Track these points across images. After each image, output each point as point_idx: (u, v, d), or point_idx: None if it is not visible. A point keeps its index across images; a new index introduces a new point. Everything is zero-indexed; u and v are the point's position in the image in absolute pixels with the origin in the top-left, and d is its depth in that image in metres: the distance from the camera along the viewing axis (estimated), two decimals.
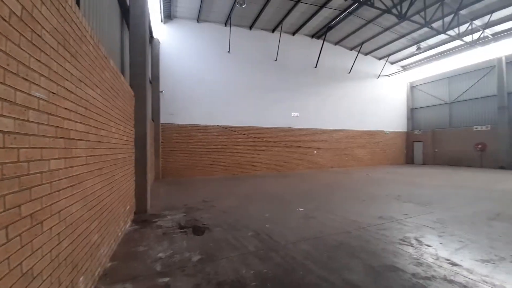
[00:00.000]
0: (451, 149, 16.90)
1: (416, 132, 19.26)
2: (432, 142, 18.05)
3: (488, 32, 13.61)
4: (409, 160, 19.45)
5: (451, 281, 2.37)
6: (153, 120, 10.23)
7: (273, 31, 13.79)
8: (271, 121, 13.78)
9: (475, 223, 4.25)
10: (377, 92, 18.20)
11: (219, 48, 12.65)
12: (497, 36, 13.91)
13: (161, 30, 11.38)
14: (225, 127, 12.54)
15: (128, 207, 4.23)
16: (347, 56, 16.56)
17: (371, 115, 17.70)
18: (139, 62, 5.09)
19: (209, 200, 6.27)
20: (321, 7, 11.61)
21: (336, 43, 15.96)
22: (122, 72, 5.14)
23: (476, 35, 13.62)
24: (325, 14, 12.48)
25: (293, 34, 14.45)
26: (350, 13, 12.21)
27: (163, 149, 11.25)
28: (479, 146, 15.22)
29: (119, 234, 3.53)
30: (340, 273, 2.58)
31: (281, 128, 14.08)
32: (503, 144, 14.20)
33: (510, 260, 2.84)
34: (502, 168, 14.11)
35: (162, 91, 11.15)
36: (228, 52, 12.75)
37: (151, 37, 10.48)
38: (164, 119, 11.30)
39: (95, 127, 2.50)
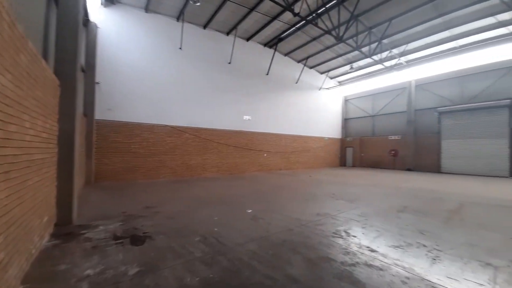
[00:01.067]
0: (373, 154, 20.04)
1: (348, 139, 22.14)
2: (359, 148, 21.06)
3: (403, 59, 16.75)
4: (343, 163, 22.19)
5: (370, 266, 2.80)
6: (85, 115, 8.83)
7: (227, 33, 13.79)
8: (223, 123, 13.68)
9: (388, 215, 5.13)
10: (319, 103, 20.22)
11: (170, 44, 11.88)
12: (409, 64, 17.26)
13: (100, 14, 9.98)
14: (174, 127, 11.81)
15: (46, 218, 3.52)
16: (295, 67, 17.90)
17: (314, 122, 19.54)
18: (69, 47, 4.34)
19: (153, 206, 5.77)
20: (273, 18, 12.24)
21: (286, 54, 17.04)
22: (45, 57, 4.29)
23: (394, 61, 16.62)
24: (277, 26, 13.21)
25: (247, 40, 14.77)
26: (298, 28, 13.27)
27: (98, 149, 9.80)
28: (392, 152, 18.54)
29: (33, 251, 2.90)
30: (283, 269, 2.74)
31: (233, 130, 14.13)
32: (410, 151, 17.65)
33: (416, 246, 3.50)
34: (409, 169, 17.49)
35: (98, 82, 9.74)
36: (180, 48, 12.10)
37: (87, 19, 9.09)
38: (100, 114, 9.86)
39: (1, 120, 2.01)
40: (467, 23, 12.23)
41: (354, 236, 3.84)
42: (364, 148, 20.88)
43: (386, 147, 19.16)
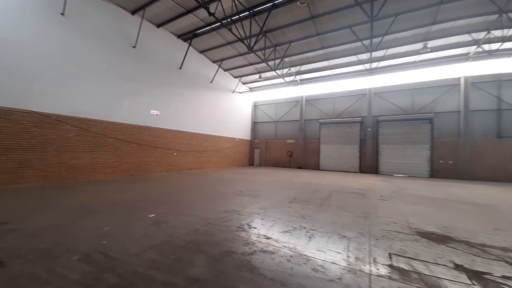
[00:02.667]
0: (275, 154, 22.92)
1: (256, 140, 24.25)
2: (265, 149, 23.55)
3: (298, 77, 20.10)
4: (251, 162, 24.07)
5: (265, 251, 3.19)
6: None
7: (133, 13, 11.91)
8: (124, 116, 11.68)
9: (282, 206, 6.01)
10: (232, 105, 21.03)
11: (47, 5, 8.92)
12: (302, 82, 20.87)
13: None
14: (48, 115, 8.95)
15: None
16: (210, 66, 17.79)
17: (226, 123, 20.11)
18: None
19: (6, 222, 4.16)
20: (189, 11, 11.68)
21: (201, 52, 16.65)
22: None
23: (291, 78, 19.64)
24: (192, 20, 12.67)
25: (158, 26, 13.32)
26: (214, 29, 13.29)
27: None
28: (289, 153, 21.94)
29: None
30: (184, 272, 2.64)
31: (137, 125, 12.34)
32: (300, 152, 21.38)
33: (299, 229, 4.25)
34: (300, 168, 21.15)
35: None
36: (62, 14, 9.32)
37: None
38: None
39: None
40: (339, 57, 16.24)
41: (255, 228, 4.24)
42: (268, 149, 23.47)
43: (285, 149, 22.38)
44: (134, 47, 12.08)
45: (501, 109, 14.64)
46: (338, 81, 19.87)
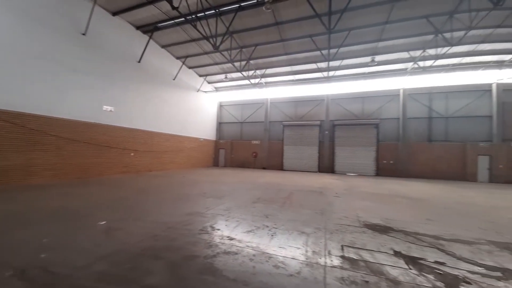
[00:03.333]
0: (241, 155, 22.99)
1: (221, 141, 23.94)
2: (230, 150, 23.41)
3: (263, 80, 20.54)
4: (216, 163, 23.65)
5: (228, 253, 3.18)
6: None
7: None
8: (70, 111, 10.26)
9: (247, 206, 6.07)
10: (197, 104, 20.38)
11: None
12: (267, 85, 21.39)
13: None
14: None
15: None
16: (173, 63, 16.93)
17: (190, 122, 19.39)
18: None
19: None
20: (150, 2, 10.93)
21: (164, 47, 15.73)
22: None
23: (257, 80, 19.98)
24: (154, 12, 11.89)
25: (114, 14, 12.12)
26: (178, 24, 12.71)
27: None
28: (254, 154, 22.26)
29: None
30: (140, 281, 2.47)
31: (86, 122, 10.98)
32: (265, 153, 21.88)
33: (262, 228, 4.35)
34: (264, 168, 21.61)
35: None
36: None
37: None
38: None
39: None
40: (301, 64, 17.15)
41: (218, 229, 4.18)
42: (234, 150, 23.39)
43: (250, 150, 22.61)
44: (83, 34, 10.75)
45: (431, 117, 17.38)
46: (300, 86, 20.97)
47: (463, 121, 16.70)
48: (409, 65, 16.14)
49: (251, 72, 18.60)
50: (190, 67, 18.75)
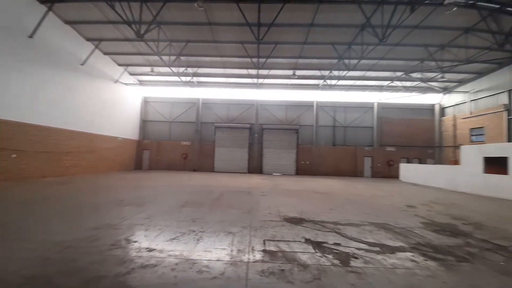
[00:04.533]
0: (169, 157, 21.23)
1: (145, 141, 21.40)
2: (156, 151, 21.25)
3: (195, 79, 19.75)
4: (138, 166, 20.91)
5: (145, 266, 2.85)
6: None
7: None
8: None
9: (173, 212, 5.65)
10: (114, 97, 17.46)
11: None
12: (199, 84, 20.69)
13: None
14: None
15: None
16: (82, 45, 13.92)
17: (106, 118, 16.41)
18: None
19: None
20: None
21: (69, 23, 12.68)
22: None
23: (188, 78, 19.03)
24: None
25: None
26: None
27: None
28: (184, 155, 21.05)
29: None
30: None
31: None
32: (196, 155, 21.05)
33: (188, 233, 4.12)
34: (194, 170, 20.73)
35: None
36: None
37: None
38: None
39: None
40: (234, 68, 17.54)
41: (135, 242, 3.69)
42: (161, 151, 21.32)
43: (180, 151, 21.21)
44: None
45: (335, 126, 21.23)
46: (233, 89, 21.38)
47: (355, 130, 21.25)
48: (321, 82, 19.21)
49: (182, 69, 17.52)
50: (106, 53, 15.91)
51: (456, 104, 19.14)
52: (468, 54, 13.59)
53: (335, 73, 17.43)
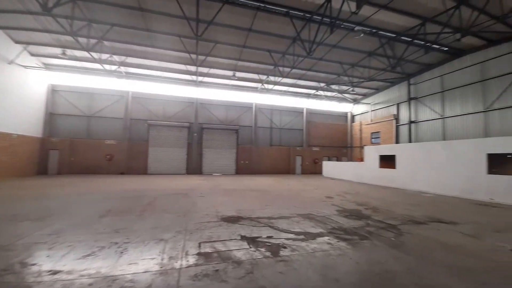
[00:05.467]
0: (88, 158, 17.77)
1: (53, 139, 17.21)
2: (69, 151, 17.40)
3: (124, 69, 17.25)
4: (43, 170, 16.61)
5: None
6: None
7: None
8: None
9: (89, 224, 4.75)
10: (7, 82, 13.28)
11: None
12: (128, 75, 18.18)
13: None
14: None
15: None
16: None
17: None
18: None
19: None
20: None
21: None
22: None
23: (114, 67, 16.47)
24: None
25: None
26: None
27: None
28: (108, 156, 18.07)
29: None
30: None
31: None
32: (124, 155, 18.41)
33: (108, 246, 3.55)
34: (122, 173, 18.08)
35: None
36: None
37: None
38: None
39: None
40: (170, 62, 16.25)
41: (34, 264, 2.93)
42: (76, 151, 17.58)
43: (102, 151, 18.07)
44: None
45: (272, 128, 22.70)
46: (169, 85, 19.78)
47: (289, 132, 23.33)
48: (259, 85, 20.16)
49: (105, 56, 14.98)
50: None
51: (362, 113, 23.71)
52: (371, 73, 17.04)
53: (272, 78, 18.63)
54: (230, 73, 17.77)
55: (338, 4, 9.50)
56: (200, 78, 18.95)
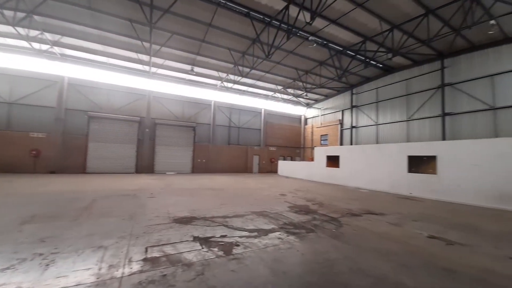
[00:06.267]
0: (7, 153, 14.43)
1: None
2: None
3: (58, 50, 14.60)
4: None
5: None
6: None
7: None
8: None
9: (7, 232, 3.88)
10: None
11: None
12: (64, 58, 15.47)
13: None
14: None
15: None
16: None
17: None
18: None
19: None
20: None
21: None
22: None
23: (45, 47, 13.82)
24: None
25: None
26: None
27: None
28: (34, 152, 15.04)
29: None
30: None
31: None
32: (56, 151, 15.61)
33: (30, 258, 2.95)
34: (52, 172, 15.30)
35: None
36: None
37: None
38: None
39: None
40: (118, 48, 14.49)
41: None
42: None
43: (26, 146, 14.93)
44: None
45: (230, 126, 22.60)
46: (117, 74, 17.64)
47: (247, 131, 23.63)
48: (219, 83, 19.82)
49: (34, 33, 12.41)
50: None
51: (314, 117, 25.73)
52: (321, 81, 18.63)
53: (232, 77, 18.53)
54: (188, 67, 16.94)
55: (295, 13, 10.07)
56: (154, 69, 17.50)
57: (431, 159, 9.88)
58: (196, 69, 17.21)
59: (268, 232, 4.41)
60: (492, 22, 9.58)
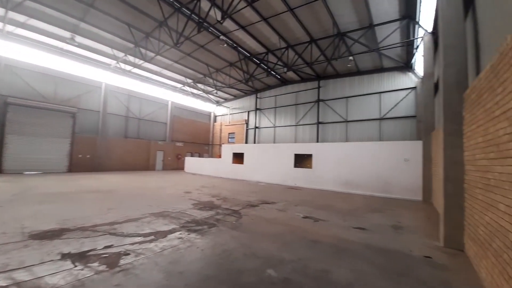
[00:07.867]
0: None
1: None
2: None
3: None
4: None
5: None
6: None
7: None
8: None
9: None
10: None
11: None
12: None
13: None
14: None
15: None
16: None
17: None
18: None
19: None
20: None
21: None
22: None
23: None
24: None
25: None
26: None
27: None
28: None
29: None
30: None
31: None
32: None
33: None
34: None
35: None
36: None
37: None
38: None
39: None
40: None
41: None
42: None
43: None
44: None
45: (129, 117, 19.22)
46: (61, 58, 10.69)
47: (150, 124, 20.98)
48: (113, 62, 16.35)
49: None
50: None
51: (223, 115, 26.43)
52: (231, 81, 19.40)
53: (131, 59, 15.78)
54: (66, 34, 12.82)
55: (207, 7, 9.92)
56: (11, 28, 12.03)
57: (309, 156, 12.67)
58: (80, 39, 13.33)
59: (168, 234, 4.14)
60: (351, 58, 13.37)
